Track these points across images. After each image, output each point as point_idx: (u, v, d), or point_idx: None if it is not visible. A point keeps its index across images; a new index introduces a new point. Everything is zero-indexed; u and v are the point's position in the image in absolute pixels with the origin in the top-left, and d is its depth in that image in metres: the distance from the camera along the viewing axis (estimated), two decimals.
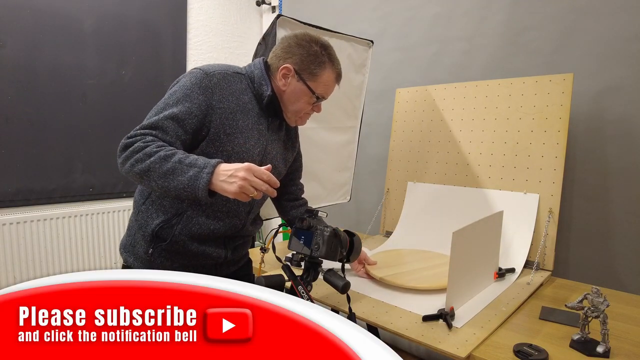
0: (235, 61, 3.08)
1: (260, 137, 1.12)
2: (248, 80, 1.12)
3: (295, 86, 1.11)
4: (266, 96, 1.10)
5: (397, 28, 2.22)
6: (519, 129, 1.58)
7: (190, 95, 1.00)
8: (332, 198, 1.94)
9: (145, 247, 1.09)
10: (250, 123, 1.09)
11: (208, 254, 1.12)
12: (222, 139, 1.04)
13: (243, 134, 1.07)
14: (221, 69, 1.07)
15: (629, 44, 1.51)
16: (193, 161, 0.92)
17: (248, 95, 1.10)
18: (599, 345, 0.94)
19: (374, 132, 2.32)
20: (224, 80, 1.05)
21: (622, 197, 1.54)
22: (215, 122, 1.03)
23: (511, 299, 1.23)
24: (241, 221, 1.16)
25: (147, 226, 1.08)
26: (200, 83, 1.01)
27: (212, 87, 1.02)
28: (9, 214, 2.17)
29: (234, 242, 1.19)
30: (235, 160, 1.06)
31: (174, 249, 1.09)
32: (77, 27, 2.33)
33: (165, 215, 1.07)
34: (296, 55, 1.09)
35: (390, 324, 1.09)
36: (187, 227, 1.08)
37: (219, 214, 1.10)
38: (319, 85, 1.12)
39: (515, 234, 1.50)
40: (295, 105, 1.14)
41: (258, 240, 2.92)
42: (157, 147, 0.93)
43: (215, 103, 1.02)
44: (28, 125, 2.20)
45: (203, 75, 1.02)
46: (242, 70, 1.13)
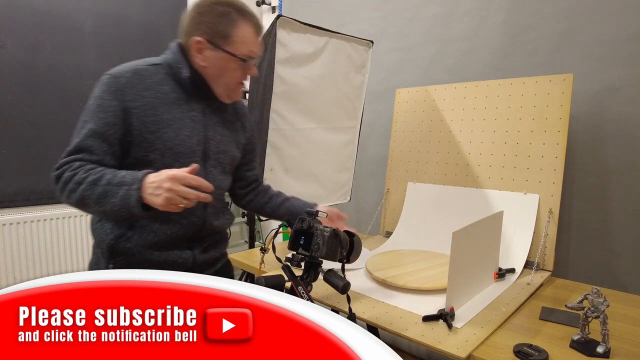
0: None
1: (195, 124, 1.04)
2: (167, 68, 1.04)
3: (214, 57, 1.02)
4: (185, 78, 1.02)
5: (397, 28, 2.22)
6: (519, 129, 1.58)
7: (103, 104, 0.95)
8: (332, 198, 1.94)
9: (106, 264, 1.04)
10: (178, 113, 1.02)
11: (173, 261, 1.06)
12: (148, 139, 0.98)
13: (172, 126, 1.00)
14: (130, 66, 1.00)
15: (628, 44, 1.51)
16: (121, 179, 0.88)
17: (169, 84, 1.03)
18: (599, 345, 0.94)
19: (374, 132, 2.32)
20: (135, 76, 0.99)
21: (622, 197, 1.54)
22: (136, 123, 0.97)
23: (511, 299, 1.23)
24: (199, 218, 1.08)
25: (102, 242, 1.03)
26: (109, 88, 0.96)
27: (122, 88, 0.96)
28: (9, 214, 2.17)
29: (202, 242, 1.12)
30: (170, 156, 1.00)
31: (134, 262, 1.03)
32: (77, 27, 2.34)
33: (120, 229, 1.02)
34: (203, 24, 1.00)
35: (390, 324, 1.09)
36: (142, 237, 1.02)
37: (173, 216, 1.02)
38: (238, 46, 1.01)
39: (515, 234, 1.50)
40: (223, 78, 1.05)
41: (258, 240, 2.93)
42: (85, 172, 0.91)
43: (129, 104, 0.96)
44: (28, 125, 2.20)
45: (110, 79, 0.97)
46: (159, 60, 1.05)
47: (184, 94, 1.04)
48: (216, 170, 1.11)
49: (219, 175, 1.12)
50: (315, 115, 1.75)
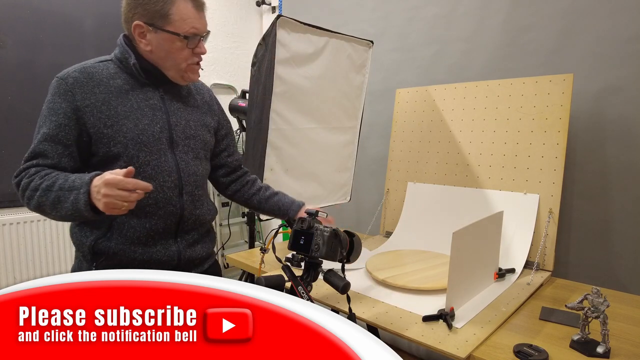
0: (235, 61, 3.08)
1: (155, 112, 1.03)
2: (117, 62, 1.03)
3: (157, 39, 0.99)
4: (133, 66, 1.00)
5: (397, 28, 2.22)
6: (519, 129, 1.58)
7: (54, 107, 0.95)
8: (332, 198, 1.94)
9: (88, 267, 1.02)
10: (134, 103, 1.00)
11: (157, 259, 1.04)
12: (107, 134, 0.97)
13: (129, 117, 0.99)
14: (78, 66, 1.00)
15: (628, 44, 1.51)
16: (71, 184, 0.88)
17: (121, 77, 1.01)
18: (599, 345, 0.94)
19: (374, 132, 2.32)
20: (83, 75, 0.98)
21: (622, 197, 1.54)
22: (91, 121, 0.96)
23: (511, 299, 1.23)
24: (176, 207, 1.05)
25: (83, 245, 1.02)
26: (58, 90, 0.96)
27: (71, 89, 0.96)
28: (9, 214, 2.17)
29: (185, 236, 1.09)
30: (134, 147, 0.98)
31: (117, 261, 1.01)
32: (77, 27, 2.34)
33: (99, 229, 1.01)
34: (139, 7, 0.98)
35: (391, 324, 1.09)
36: (122, 234, 1.00)
37: (148, 208, 1.01)
38: (178, 24, 0.98)
39: (515, 234, 1.50)
40: (170, 60, 1.02)
41: (258, 240, 2.93)
42: (40, 178, 0.92)
43: (79, 103, 0.95)
44: (28, 125, 2.19)
45: (58, 81, 0.97)
46: (108, 56, 1.05)
47: (138, 84, 1.03)
48: (187, 156, 1.08)
49: (192, 161, 1.09)
50: (315, 115, 1.75)
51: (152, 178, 1.01)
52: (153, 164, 1.01)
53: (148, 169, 1.01)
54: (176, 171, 1.05)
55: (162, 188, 1.03)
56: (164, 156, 1.03)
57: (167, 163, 1.04)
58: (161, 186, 1.02)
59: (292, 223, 1.14)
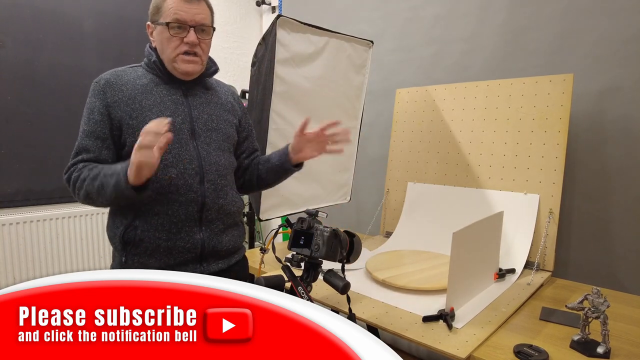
0: (235, 61, 3.08)
1: (177, 105, 1.10)
2: (145, 66, 1.13)
3: (156, 34, 1.09)
4: (153, 63, 1.10)
5: (397, 28, 2.22)
6: (519, 129, 1.58)
7: (90, 107, 1.07)
8: (332, 198, 1.94)
9: (119, 257, 1.08)
10: (158, 97, 1.09)
11: (181, 246, 1.06)
12: (132, 124, 1.05)
13: (153, 110, 1.07)
14: (111, 70, 1.11)
15: (628, 44, 1.51)
16: (113, 169, 0.97)
17: (147, 77, 1.11)
18: (599, 345, 0.94)
19: (374, 132, 2.32)
20: (113, 76, 1.09)
21: (622, 197, 1.54)
22: (119, 115, 1.05)
23: (511, 300, 1.23)
24: (197, 194, 1.07)
25: (115, 237, 1.08)
26: (93, 92, 1.08)
27: (103, 88, 1.06)
28: (9, 214, 2.17)
29: (210, 225, 1.11)
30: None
31: (145, 250, 1.06)
32: (77, 27, 2.33)
33: (127, 219, 1.07)
34: (149, 9, 1.10)
35: (391, 324, 1.09)
36: (147, 222, 1.05)
37: (170, 195, 1.05)
38: (166, 15, 1.06)
39: (516, 235, 1.50)
40: (165, 53, 1.08)
41: (258, 240, 2.93)
42: (88, 170, 1.02)
43: (110, 100, 1.06)
44: (28, 125, 2.19)
45: (94, 84, 1.08)
46: (138, 63, 1.15)
47: (162, 82, 1.12)
48: (209, 147, 1.13)
49: (214, 151, 1.13)
50: (315, 115, 1.74)
51: (173, 165, 1.06)
52: (174, 152, 1.06)
53: (169, 157, 1.05)
54: (197, 159, 1.09)
55: (182, 175, 1.06)
56: (185, 145, 1.09)
57: (188, 152, 1.08)
58: (182, 173, 1.06)
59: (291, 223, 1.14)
